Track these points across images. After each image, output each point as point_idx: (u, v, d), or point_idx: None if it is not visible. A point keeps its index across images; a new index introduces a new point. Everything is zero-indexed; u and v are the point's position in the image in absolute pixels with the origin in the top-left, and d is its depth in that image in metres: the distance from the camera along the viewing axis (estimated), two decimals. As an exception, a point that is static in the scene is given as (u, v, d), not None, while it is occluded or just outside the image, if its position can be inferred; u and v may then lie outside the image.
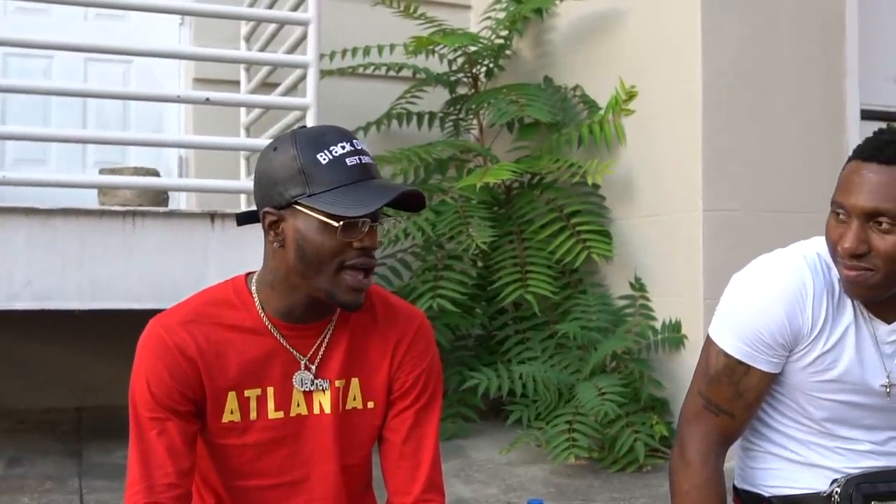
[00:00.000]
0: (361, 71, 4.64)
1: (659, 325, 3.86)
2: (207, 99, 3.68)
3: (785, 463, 1.81)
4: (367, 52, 4.57)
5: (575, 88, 4.45)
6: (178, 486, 1.55)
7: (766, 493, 1.82)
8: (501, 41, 4.63)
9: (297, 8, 3.89)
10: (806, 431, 1.79)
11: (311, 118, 3.60)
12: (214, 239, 3.40)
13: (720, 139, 3.78)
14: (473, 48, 4.54)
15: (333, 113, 4.07)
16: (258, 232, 1.63)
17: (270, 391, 1.62)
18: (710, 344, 1.78)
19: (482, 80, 4.73)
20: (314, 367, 1.64)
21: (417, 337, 1.72)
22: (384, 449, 1.72)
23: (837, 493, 1.73)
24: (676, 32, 3.91)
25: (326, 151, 1.54)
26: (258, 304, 1.63)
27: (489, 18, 4.63)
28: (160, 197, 3.82)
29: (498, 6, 4.61)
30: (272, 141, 1.62)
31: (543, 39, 4.75)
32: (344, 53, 4.59)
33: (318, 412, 1.65)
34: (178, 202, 4.55)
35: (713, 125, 3.77)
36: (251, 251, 1.62)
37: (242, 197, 4.22)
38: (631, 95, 4.08)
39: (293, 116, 3.82)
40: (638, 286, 4.00)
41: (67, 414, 4.19)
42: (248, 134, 4.39)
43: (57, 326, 3.96)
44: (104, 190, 3.76)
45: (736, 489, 1.91)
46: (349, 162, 1.54)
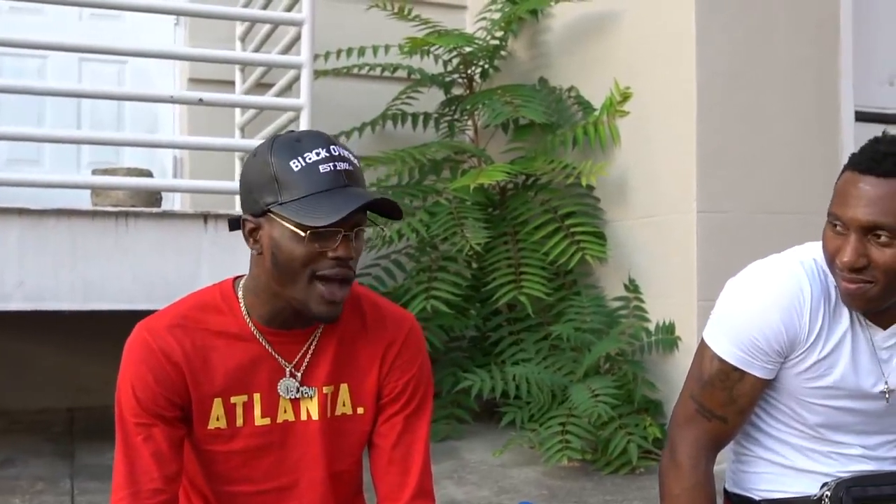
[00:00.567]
0: (356, 72, 4.63)
1: (653, 326, 3.85)
2: (201, 100, 3.67)
3: (777, 467, 1.81)
4: (361, 52, 4.56)
5: (570, 89, 4.45)
6: (163, 491, 1.55)
7: (756, 496, 1.82)
8: (496, 42, 4.62)
9: (291, 8, 3.89)
10: (799, 436, 1.79)
11: (304, 119, 3.59)
12: (207, 240, 3.39)
13: (715, 140, 3.78)
14: (468, 49, 4.53)
15: (328, 114, 4.07)
16: (253, 234, 1.62)
17: (257, 397, 1.61)
18: (704, 348, 1.77)
19: (477, 80, 4.72)
20: (299, 374, 1.63)
21: (408, 341, 1.70)
22: (374, 454, 1.70)
23: (828, 496, 1.73)
24: (671, 34, 3.91)
25: (300, 158, 1.52)
26: (244, 309, 1.61)
27: (484, 19, 4.62)
28: (153, 197, 3.81)
29: (493, 7, 4.60)
30: (255, 147, 1.60)
31: (538, 40, 4.74)
32: (339, 54, 4.58)
33: (305, 418, 1.63)
34: (171, 203, 4.54)
35: (708, 126, 3.77)
36: (244, 253, 1.61)
37: (236, 198, 4.20)
38: (625, 97, 4.08)
39: (287, 117, 3.82)
40: (632, 288, 4.00)
41: (60, 415, 4.18)
42: (242, 135, 4.38)
43: (50, 327, 3.94)
44: (97, 191, 3.75)
45: (727, 492, 1.90)
46: (322, 169, 1.51)
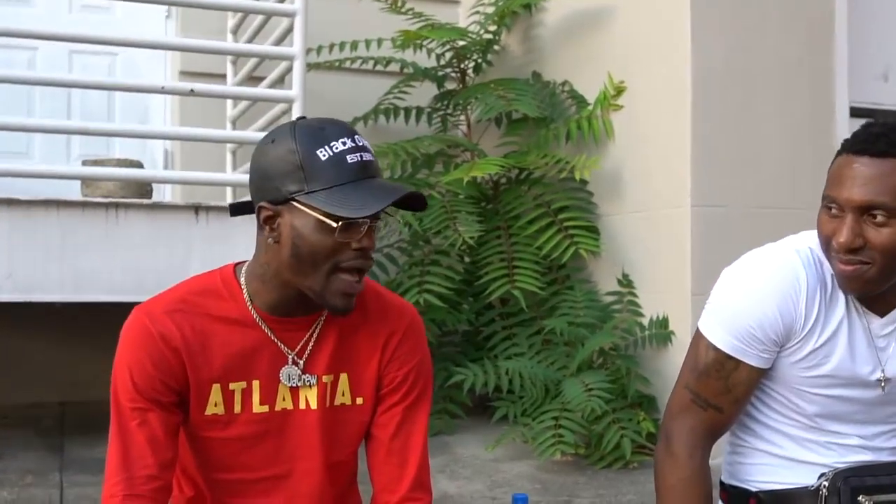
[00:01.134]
0: (349, 65, 4.61)
1: (646, 321, 3.84)
2: (192, 90, 3.64)
3: (774, 458, 1.80)
4: (354, 46, 4.53)
5: (563, 84, 4.44)
6: (158, 478, 1.52)
7: (753, 488, 1.81)
8: (490, 36, 4.61)
9: (283, -1, 3.87)
10: (796, 427, 1.78)
11: (296, 111, 3.57)
12: (198, 232, 3.36)
13: (709, 135, 3.77)
14: (462, 43, 4.52)
15: (320, 107, 4.01)
16: (243, 225, 1.59)
17: (256, 384, 1.59)
18: (699, 338, 1.76)
19: (470, 74, 4.70)
20: (302, 361, 1.61)
21: (409, 332, 1.68)
22: (371, 446, 1.69)
23: (825, 486, 1.72)
24: (666, 29, 3.90)
25: (327, 147, 1.49)
26: (246, 295, 1.59)
27: (477, 13, 4.60)
28: (144, 189, 3.78)
29: (486, 1, 4.58)
30: (270, 132, 1.57)
31: (532, 34, 4.73)
32: (331, 47, 4.55)
33: (303, 407, 1.62)
34: (162, 195, 4.52)
35: (702, 121, 3.76)
36: (235, 244, 1.59)
37: (228, 190, 4.19)
38: (619, 91, 4.07)
39: (279, 109, 3.81)
40: (625, 282, 3.99)
41: (51, 408, 4.15)
42: (234, 127, 4.36)
43: (40, 321, 3.92)
44: (87, 182, 3.73)
45: (723, 484, 1.89)
46: (350, 159, 1.49)
